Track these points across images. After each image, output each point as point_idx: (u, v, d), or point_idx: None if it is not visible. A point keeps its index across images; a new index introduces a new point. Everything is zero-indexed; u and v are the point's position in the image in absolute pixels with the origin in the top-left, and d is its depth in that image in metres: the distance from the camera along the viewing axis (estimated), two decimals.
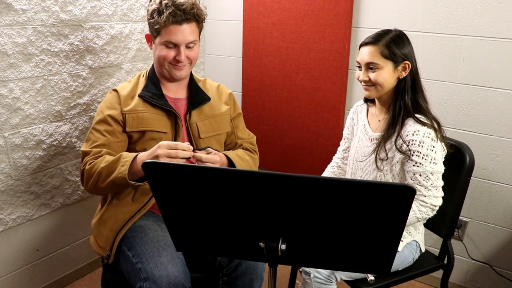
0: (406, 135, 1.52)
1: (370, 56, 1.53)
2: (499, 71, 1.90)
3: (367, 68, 1.55)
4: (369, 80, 1.55)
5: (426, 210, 1.52)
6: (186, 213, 1.06)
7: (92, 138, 1.54)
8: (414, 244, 1.67)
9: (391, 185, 0.96)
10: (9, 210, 1.90)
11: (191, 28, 1.53)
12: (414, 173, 1.51)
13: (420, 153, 1.49)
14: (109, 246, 1.53)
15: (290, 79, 2.43)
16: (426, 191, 1.51)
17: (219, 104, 1.70)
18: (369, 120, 1.71)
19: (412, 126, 1.51)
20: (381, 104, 1.64)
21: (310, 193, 0.95)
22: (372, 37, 1.56)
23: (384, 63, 1.53)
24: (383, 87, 1.55)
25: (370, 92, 1.58)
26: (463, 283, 2.23)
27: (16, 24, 1.76)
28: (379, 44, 1.54)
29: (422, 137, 1.49)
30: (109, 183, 1.44)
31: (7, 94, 1.78)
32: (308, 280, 1.56)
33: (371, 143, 1.65)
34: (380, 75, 1.53)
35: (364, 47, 1.56)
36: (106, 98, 1.60)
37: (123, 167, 1.41)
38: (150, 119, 1.56)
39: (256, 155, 1.77)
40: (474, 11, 1.90)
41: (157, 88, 1.60)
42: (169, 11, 1.47)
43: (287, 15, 2.34)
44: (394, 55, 1.53)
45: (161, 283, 1.35)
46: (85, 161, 1.51)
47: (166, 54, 1.53)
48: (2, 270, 1.94)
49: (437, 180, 1.52)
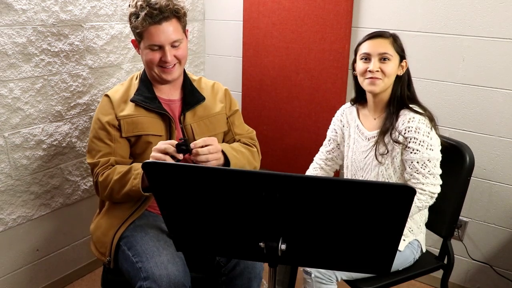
0: (402, 124, 1.54)
1: (384, 47, 1.55)
2: (499, 71, 1.90)
3: (380, 58, 1.55)
4: (379, 71, 1.54)
5: (425, 198, 1.53)
6: (186, 213, 1.06)
7: (95, 148, 1.53)
8: (416, 244, 1.67)
9: (391, 185, 0.96)
10: (9, 210, 1.90)
11: (172, 26, 1.48)
12: (412, 161, 1.53)
13: (416, 139, 1.51)
14: (108, 251, 1.53)
15: (290, 79, 2.43)
16: (424, 179, 1.52)
17: (214, 103, 1.67)
18: (362, 121, 1.70)
19: (407, 115, 1.54)
20: (375, 102, 1.64)
21: (310, 193, 0.95)
22: (378, 32, 1.58)
23: (394, 56, 1.56)
24: (390, 80, 1.57)
25: (377, 85, 1.56)
26: (463, 283, 2.23)
27: (16, 24, 1.76)
28: (389, 38, 1.57)
29: (418, 123, 1.52)
30: (124, 195, 1.46)
31: (7, 94, 1.78)
32: (309, 280, 1.56)
33: (369, 142, 1.65)
34: (391, 66, 1.55)
35: (374, 39, 1.57)
36: (99, 105, 1.58)
37: (136, 180, 1.42)
38: (144, 123, 1.54)
39: (255, 148, 1.72)
40: (474, 11, 1.90)
41: (150, 91, 1.57)
42: (145, 12, 1.43)
43: (287, 15, 2.34)
44: (401, 50, 1.58)
45: (161, 283, 1.35)
46: (96, 173, 1.51)
47: (152, 57, 1.50)
48: (2, 270, 1.94)
49: (435, 167, 1.53)
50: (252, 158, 1.67)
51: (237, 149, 1.61)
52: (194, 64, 2.72)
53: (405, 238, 1.63)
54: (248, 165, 1.63)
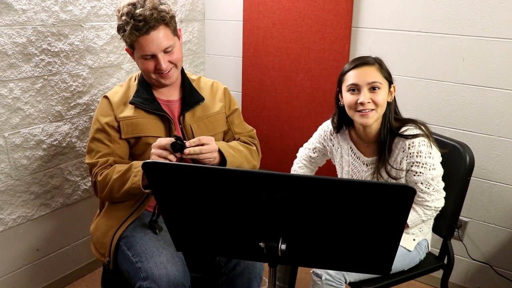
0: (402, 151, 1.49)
1: (372, 75, 1.46)
2: (499, 71, 1.90)
3: (369, 88, 1.46)
4: (370, 102, 1.46)
5: (430, 213, 1.55)
6: (186, 213, 1.06)
7: (94, 149, 1.53)
8: (424, 244, 1.67)
9: (391, 185, 0.96)
10: (9, 210, 1.90)
11: (161, 33, 1.45)
12: (416, 183, 1.51)
13: (419, 163, 1.48)
14: (108, 252, 1.53)
15: (290, 79, 2.43)
16: (429, 197, 1.52)
17: (213, 103, 1.66)
18: (355, 144, 1.64)
19: (405, 142, 1.49)
20: (366, 132, 1.56)
21: (310, 193, 0.95)
22: (362, 60, 1.50)
23: (384, 83, 1.48)
24: (382, 109, 1.49)
25: (370, 118, 1.47)
26: (463, 283, 2.23)
27: (16, 24, 1.76)
28: (375, 65, 1.49)
29: (419, 147, 1.47)
30: (124, 193, 1.45)
31: (7, 94, 1.78)
32: (319, 282, 1.54)
33: (367, 167, 1.62)
34: (382, 95, 1.47)
35: (359, 68, 1.48)
36: (99, 106, 1.58)
37: (136, 177, 1.41)
38: (144, 124, 1.54)
39: (254, 147, 1.71)
40: (474, 11, 1.90)
41: (148, 93, 1.57)
42: (130, 26, 1.41)
43: (287, 15, 2.34)
44: (389, 75, 1.51)
45: (160, 282, 1.35)
46: (95, 172, 1.51)
47: (147, 66, 1.49)
48: (2, 270, 1.94)
49: (438, 183, 1.53)
50: (251, 157, 1.66)
51: (235, 147, 1.60)
52: (194, 64, 2.72)
53: (415, 238, 1.63)
54: (246, 163, 1.62)
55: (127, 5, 1.44)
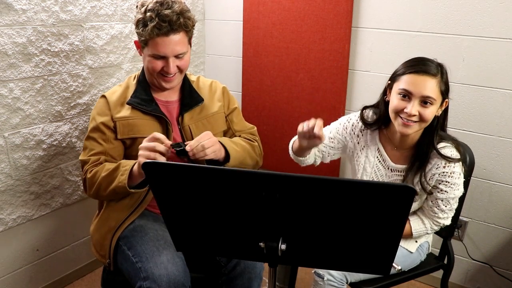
0: (436, 168, 1.44)
1: (429, 89, 1.34)
2: (499, 71, 1.90)
3: (421, 101, 1.36)
4: (417, 115, 1.36)
5: (437, 228, 1.57)
6: (186, 213, 1.06)
7: (88, 146, 1.53)
8: (425, 246, 1.67)
9: (391, 185, 0.96)
10: (9, 210, 1.90)
11: (179, 39, 1.46)
12: (437, 199, 1.50)
13: (448, 182, 1.46)
14: (107, 253, 1.53)
15: (290, 79, 2.43)
16: (442, 214, 1.52)
17: (212, 103, 1.66)
18: (384, 146, 1.55)
19: (442, 160, 1.43)
20: (402, 138, 1.48)
21: (310, 193, 0.95)
22: (425, 67, 1.37)
23: (438, 99, 1.37)
24: (426, 125, 1.40)
25: (410, 129, 1.38)
26: (463, 283, 2.23)
27: (16, 24, 1.76)
28: (439, 78, 1.37)
29: (454, 168, 1.44)
30: (110, 192, 1.45)
31: (7, 94, 1.78)
32: (320, 282, 1.54)
33: (392, 173, 1.55)
34: (431, 111, 1.37)
35: (418, 75, 1.35)
36: (96, 104, 1.58)
37: (123, 176, 1.41)
38: (140, 125, 1.53)
39: (256, 143, 1.70)
40: (474, 11, 1.90)
41: (147, 93, 1.56)
42: (153, 24, 1.41)
43: (287, 15, 2.34)
44: (446, 88, 1.39)
45: (161, 282, 1.35)
46: (85, 170, 1.51)
47: (155, 65, 1.49)
48: (2, 270, 1.94)
49: (455, 203, 1.53)
50: (253, 152, 1.65)
51: (237, 142, 1.60)
52: (194, 64, 2.72)
53: (417, 240, 1.63)
54: (250, 159, 1.62)
55: (154, 2, 1.43)
